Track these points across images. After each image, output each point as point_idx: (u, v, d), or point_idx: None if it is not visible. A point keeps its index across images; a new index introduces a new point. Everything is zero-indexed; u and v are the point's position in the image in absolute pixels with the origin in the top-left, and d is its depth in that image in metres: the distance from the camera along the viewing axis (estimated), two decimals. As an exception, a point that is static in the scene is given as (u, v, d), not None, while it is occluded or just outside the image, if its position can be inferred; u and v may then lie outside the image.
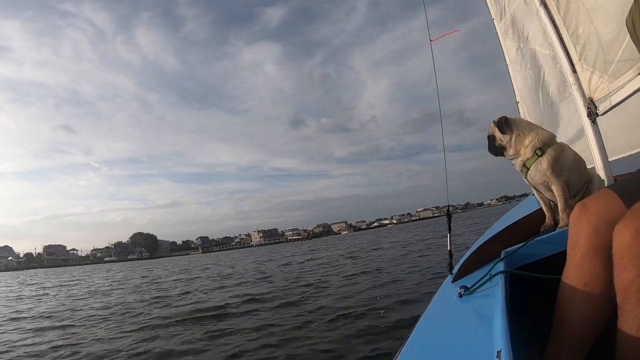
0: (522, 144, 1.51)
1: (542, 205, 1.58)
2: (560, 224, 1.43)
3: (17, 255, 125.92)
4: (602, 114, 1.52)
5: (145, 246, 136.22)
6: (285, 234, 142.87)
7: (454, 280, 1.50)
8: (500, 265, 1.22)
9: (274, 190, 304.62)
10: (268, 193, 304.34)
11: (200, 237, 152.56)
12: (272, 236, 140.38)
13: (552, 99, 2.02)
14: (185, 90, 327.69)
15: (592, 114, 1.54)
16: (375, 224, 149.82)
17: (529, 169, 1.50)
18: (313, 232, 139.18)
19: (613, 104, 1.46)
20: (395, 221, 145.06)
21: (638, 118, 1.84)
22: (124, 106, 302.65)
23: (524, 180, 1.56)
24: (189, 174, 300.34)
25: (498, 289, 1.04)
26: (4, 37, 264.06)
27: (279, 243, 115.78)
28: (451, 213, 1.73)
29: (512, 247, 1.32)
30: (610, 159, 1.57)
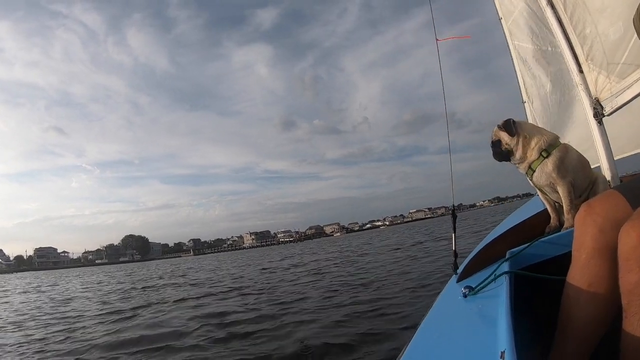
0: (529, 146, 1.50)
1: (547, 206, 1.57)
2: (566, 224, 1.42)
3: (7, 258, 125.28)
4: (609, 115, 1.52)
5: (136, 248, 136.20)
6: (278, 235, 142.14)
7: (458, 280, 1.51)
8: (505, 266, 1.22)
9: (267, 192, 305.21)
10: (261, 195, 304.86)
11: (192, 239, 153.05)
12: (265, 238, 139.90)
13: (560, 99, 2.01)
14: (177, 92, 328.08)
15: (599, 114, 1.53)
16: (368, 225, 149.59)
17: (534, 171, 1.50)
18: (305, 234, 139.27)
19: (619, 104, 1.45)
20: (387, 223, 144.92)
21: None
22: (116, 108, 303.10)
23: (529, 182, 1.55)
24: (181, 175, 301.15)
25: (502, 290, 1.04)
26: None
27: (271, 245, 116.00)
28: (456, 213, 1.74)
29: (517, 248, 1.31)
30: (615, 158, 1.56)
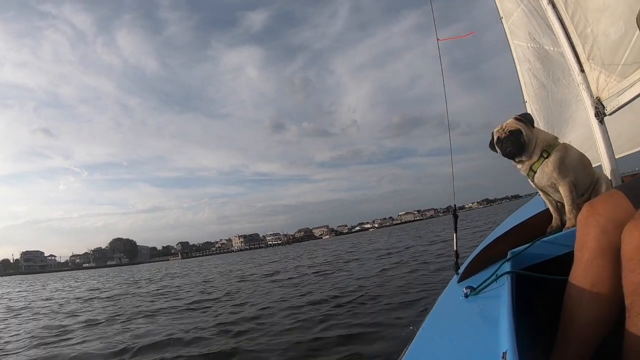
0: (531, 146, 1.49)
1: (549, 206, 1.57)
2: (568, 224, 1.42)
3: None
4: (610, 114, 1.51)
5: (124, 252, 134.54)
6: (267, 238, 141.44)
7: (460, 281, 1.49)
8: (507, 266, 1.21)
9: (256, 195, 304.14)
10: (250, 197, 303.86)
11: (180, 243, 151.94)
12: (253, 241, 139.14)
13: (562, 99, 2.01)
14: (166, 94, 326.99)
15: (600, 114, 1.53)
16: (357, 228, 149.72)
17: (535, 172, 1.49)
18: (294, 237, 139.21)
19: (621, 103, 1.45)
20: (377, 225, 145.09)
21: None
22: (105, 110, 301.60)
23: (530, 183, 1.54)
24: (170, 178, 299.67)
25: (504, 290, 1.03)
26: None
27: (260, 248, 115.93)
28: (457, 213, 1.72)
29: (519, 248, 1.31)
30: (616, 156, 1.56)
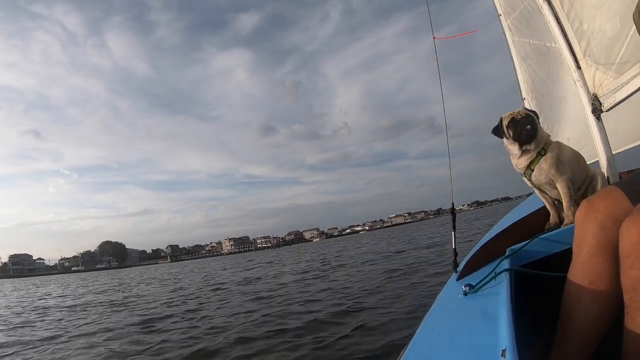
0: (530, 149, 1.48)
1: (546, 204, 1.57)
2: (566, 221, 1.41)
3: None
4: (607, 110, 1.52)
5: (113, 255, 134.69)
6: (257, 241, 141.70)
7: (458, 279, 1.50)
8: (505, 263, 1.21)
9: (246, 198, 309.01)
10: (240, 200, 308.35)
11: (170, 246, 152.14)
12: (243, 244, 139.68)
13: (561, 95, 2.01)
14: (156, 96, 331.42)
15: (597, 110, 1.53)
16: (348, 230, 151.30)
17: (533, 170, 1.48)
18: (284, 240, 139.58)
19: (618, 100, 1.46)
20: (367, 228, 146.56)
21: (639, 111, 1.83)
22: (94, 112, 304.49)
23: (527, 182, 1.54)
24: (160, 181, 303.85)
25: (503, 287, 1.03)
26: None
27: (249, 251, 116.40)
28: (455, 212, 1.71)
29: (517, 245, 1.31)
30: (613, 152, 1.56)
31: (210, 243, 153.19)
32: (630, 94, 1.42)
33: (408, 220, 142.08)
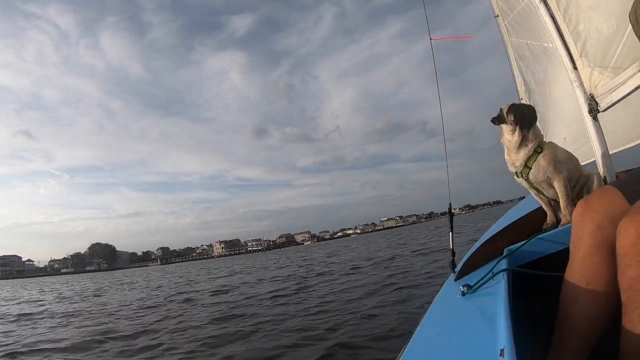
0: (527, 141, 1.49)
1: (542, 204, 1.57)
2: (563, 221, 1.42)
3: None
4: (604, 111, 1.52)
5: (103, 257, 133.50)
6: (248, 244, 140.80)
7: (456, 279, 1.49)
8: (503, 263, 1.21)
9: (239, 200, 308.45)
10: (232, 203, 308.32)
11: (160, 248, 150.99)
12: (234, 247, 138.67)
13: (558, 95, 2.02)
14: (150, 97, 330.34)
15: (593, 110, 1.54)
16: (339, 233, 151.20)
17: (530, 169, 1.48)
18: (274, 243, 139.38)
19: (614, 100, 1.46)
20: (359, 231, 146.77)
21: (637, 111, 1.84)
22: (87, 112, 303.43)
23: (522, 182, 1.53)
24: (152, 183, 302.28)
25: (501, 287, 1.03)
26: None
27: (240, 254, 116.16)
28: (452, 212, 1.71)
29: (515, 245, 1.31)
30: (610, 152, 1.55)
31: (202, 246, 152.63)
32: (626, 94, 1.42)
33: (400, 224, 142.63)
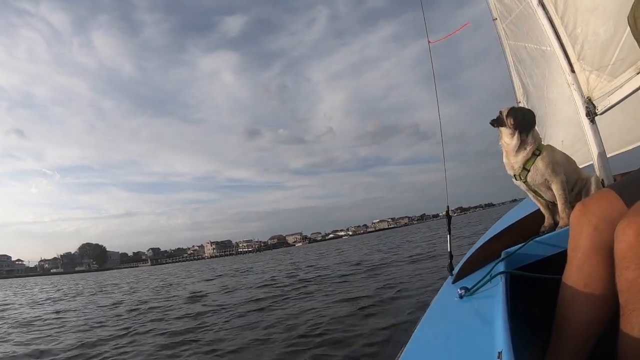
0: (527, 143, 1.49)
1: (540, 207, 1.57)
2: (561, 223, 1.42)
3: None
4: (601, 114, 1.52)
5: (93, 257, 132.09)
6: (240, 245, 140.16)
7: (454, 282, 1.49)
8: (501, 266, 1.21)
9: (230, 201, 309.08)
10: (224, 204, 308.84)
11: (151, 249, 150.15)
12: (225, 247, 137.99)
13: (556, 98, 2.02)
14: (141, 97, 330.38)
15: (591, 114, 1.54)
16: (331, 235, 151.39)
17: (528, 171, 1.48)
18: (266, 244, 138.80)
19: (612, 103, 1.46)
20: (351, 233, 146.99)
21: (634, 114, 1.85)
22: (78, 111, 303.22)
23: (520, 185, 1.53)
24: (143, 183, 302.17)
25: (498, 290, 1.03)
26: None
27: (231, 255, 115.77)
28: (451, 215, 1.71)
29: (512, 248, 1.31)
30: (607, 155, 1.56)
31: (193, 246, 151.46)
32: (624, 97, 1.42)
33: (392, 226, 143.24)
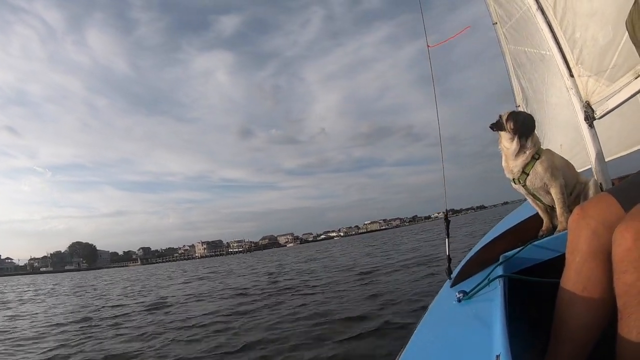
0: (526, 147, 1.49)
1: (539, 211, 1.57)
2: (559, 227, 1.42)
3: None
4: (599, 118, 1.53)
5: (83, 256, 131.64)
6: (231, 245, 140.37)
7: (452, 285, 1.50)
8: (499, 270, 1.22)
9: (223, 201, 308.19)
10: (216, 204, 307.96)
11: (142, 248, 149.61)
12: (216, 247, 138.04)
13: (555, 102, 2.03)
14: (135, 96, 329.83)
15: (589, 118, 1.55)
16: (323, 236, 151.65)
17: (528, 175, 1.48)
18: (257, 245, 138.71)
19: (610, 107, 1.47)
20: (342, 234, 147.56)
21: (632, 118, 1.87)
22: (71, 109, 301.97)
23: (519, 189, 1.53)
24: (136, 182, 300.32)
25: (497, 293, 1.03)
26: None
27: (221, 255, 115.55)
28: (449, 218, 1.70)
29: (511, 251, 1.31)
30: (606, 159, 1.57)
31: (184, 246, 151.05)
32: (622, 102, 1.43)
33: (383, 227, 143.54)
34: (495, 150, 1.59)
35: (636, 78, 1.37)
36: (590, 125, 1.54)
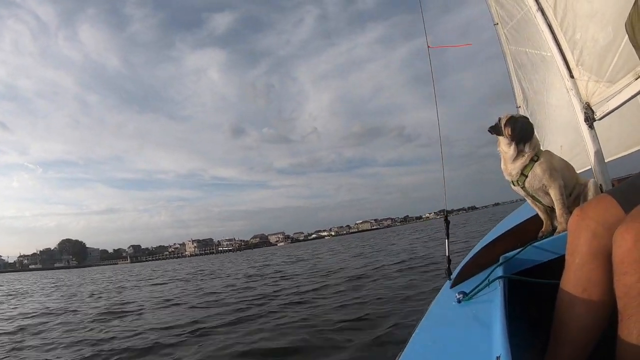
0: (525, 149, 1.48)
1: (539, 212, 1.57)
2: (559, 229, 1.41)
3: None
4: (600, 119, 1.53)
5: (73, 254, 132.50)
6: (222, 244, 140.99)
7: (452, 286, 1.50)
8: (499, 271, 1.22)
9: (214, 199, 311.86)
10: (208, 202, 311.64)
11: (132, 246, 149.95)
12: (207, 246, 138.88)
13: (556, 103, 2.04)
14: (127, 92, 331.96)
15: (589, 119, 1.55)
16: (314, 235, 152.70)
17: (526, 177, 1.48)
18: (247, 243, 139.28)
19: (610, 108, 1.47)
20: (333, 233, 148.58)
21: (631, 119, 1.88)
22: (63, 105, 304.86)
23: (519, 190, 1.53)
24: (127, 179, 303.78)
25: (497, 294, 1.04)
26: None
27: (212, 253, 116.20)
28: (448, 219, 1.70)
29: (511, 252, 1.31)
30: (606, 160, 1.57)
31: (174, 244, 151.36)
32: (622, 103, 1.43)
33: (374, 227, 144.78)
34: (487, 152, 1.60)
35: (636, 79, 1.37)
36: (591, 126, 1.54)
